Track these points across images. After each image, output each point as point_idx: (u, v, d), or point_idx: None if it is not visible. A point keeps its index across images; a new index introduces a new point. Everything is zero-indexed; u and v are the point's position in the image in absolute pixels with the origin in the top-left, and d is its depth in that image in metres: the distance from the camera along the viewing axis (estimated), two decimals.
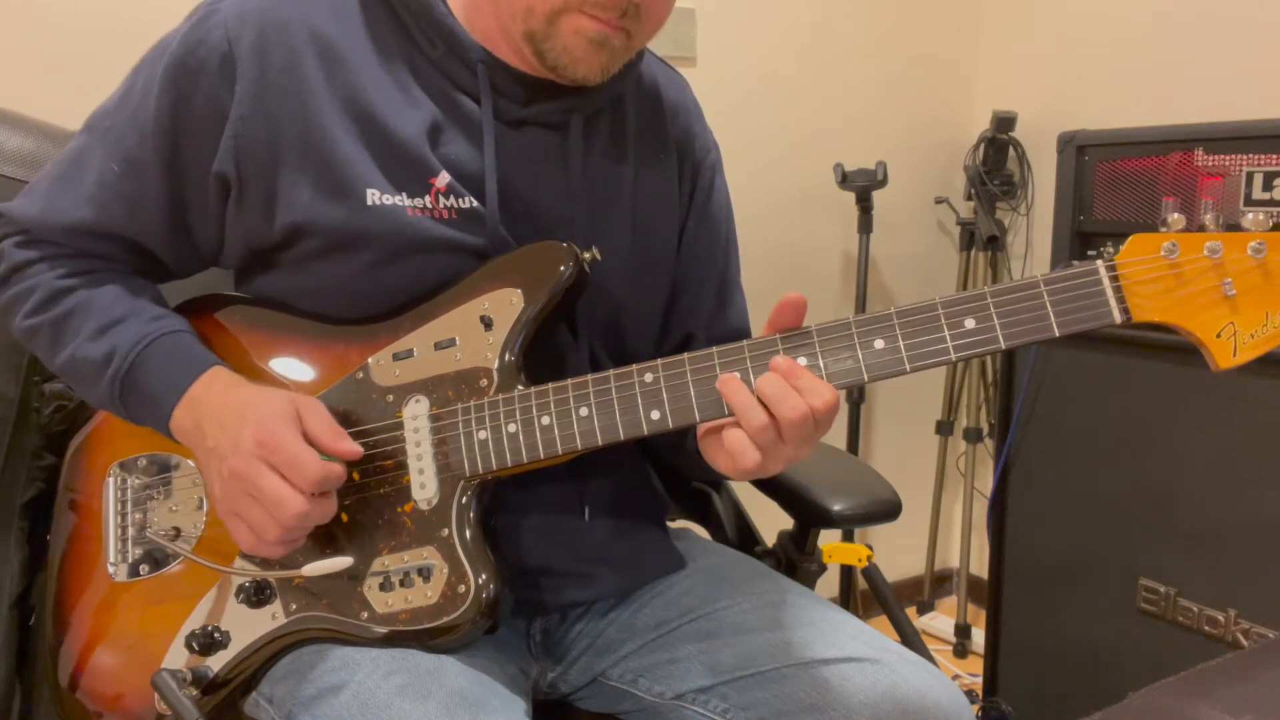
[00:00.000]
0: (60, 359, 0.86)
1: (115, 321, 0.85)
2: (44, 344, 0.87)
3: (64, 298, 0.86)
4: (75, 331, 0.85)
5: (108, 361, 0.83)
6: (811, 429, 0.73)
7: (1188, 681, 0.68)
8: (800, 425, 0.72)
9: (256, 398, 0.79)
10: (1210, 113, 1.68)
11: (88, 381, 0.85)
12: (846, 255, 2.30)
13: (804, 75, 2.18)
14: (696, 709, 0.86)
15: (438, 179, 0.83)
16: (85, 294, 0.86)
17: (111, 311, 0.85)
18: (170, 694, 0.79)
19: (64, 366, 0.86)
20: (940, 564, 2.52)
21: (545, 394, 0.80)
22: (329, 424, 0.79)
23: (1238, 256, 0.70)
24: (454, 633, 0.78)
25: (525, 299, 0.82)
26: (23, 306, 0.87)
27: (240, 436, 0.76)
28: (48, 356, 0.88)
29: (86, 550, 0.91)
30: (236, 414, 0.78)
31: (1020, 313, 0.72)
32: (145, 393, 0.84)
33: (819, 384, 0.73)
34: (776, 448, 0.74)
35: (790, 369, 0.73)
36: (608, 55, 0.82)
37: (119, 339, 0.84)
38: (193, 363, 0.84)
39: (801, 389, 0.73)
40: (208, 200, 0.85)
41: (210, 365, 0.84)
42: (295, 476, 0.75)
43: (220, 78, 0.81)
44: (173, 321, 0.87)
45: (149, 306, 0.88)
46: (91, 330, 0.84)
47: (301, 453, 0.75)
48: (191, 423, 0.82)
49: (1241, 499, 1.43)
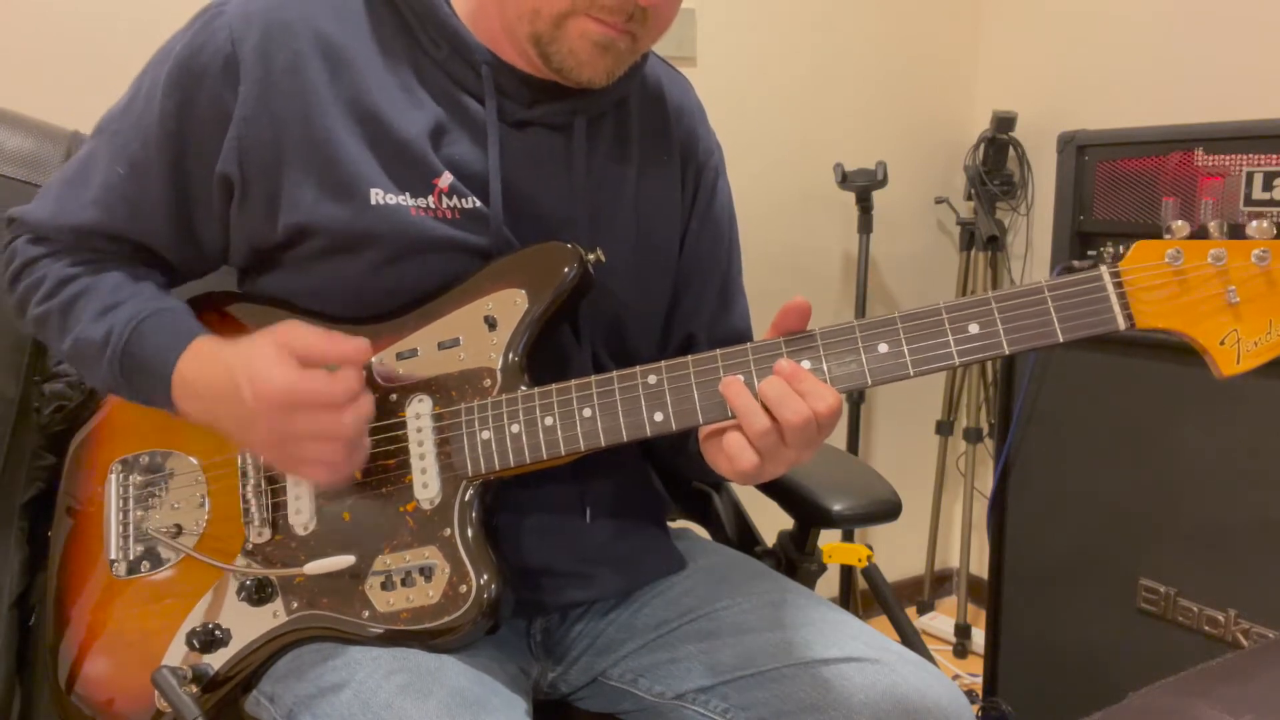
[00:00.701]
0: (67, 343, 0.87)
1: (116, 304, 0.85)
2: (53, 330, 0.88)
3: (71, 284, 0.87)
4: (79, 315, 0.86)
5: (106, 341, 0.84)
6: (814, 432, 0.73)
7: (1188, 681, 0.68)
8: (803, 429, 0.72)
9: (238, 357, 0.78)
10: (1210, 113, 1.68)
11: (93, 363, 0.86)
12: (846, 255, 2.30)
13: (804, 75, 2.18)
14: (697, 709, 0.86)
15: (441, 179, 0.84)
16: (90, 279, 0.87)
17: (115, 294, 0.86)
18: (170, 691, 0.79)
19: (70, 351, 0.87)
20: (940, 564, 2.52)
21: (549, 394, 0.80)
22: (317, 337, 0.77)
23: (1241, 264, 0.70)
24: (455, 633, 0.78)
25: (529, 299, 0.82)
26: (34, 295, 0.88)
27: (244, 399, 0.75)
28: (57, 342, 0.88)
29: (88, 548, 0.91)
30: (227, 379, 0.77)
31: (1024, 318, 0.72)
32: (144, 372, 0.84)
33: (822, 387, 0.73)
34: (778, 451, 0.74)
35: (793, 372, 0.73)
36: (613, 58, 0.82)
37: (116, 318, 0.84)
38: (179, 337, 0.83)
39: (804, 392, 0.73)
40: (212, 201, 0.85)
41: (193, 338, 0.83)
42: (324, 405, 0.75)
43: (224, 79, 0.81)
44: (169, 301, 0.87)
45: (149, 289, 0.88)
46: (94, 312, 0.85)
47: (312, 382, 0.74)
48: (196, 404, 0.82)
49: (1241, 499, 1.43)
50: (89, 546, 0.91)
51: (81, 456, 0.95)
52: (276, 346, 0.76)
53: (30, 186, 1.03)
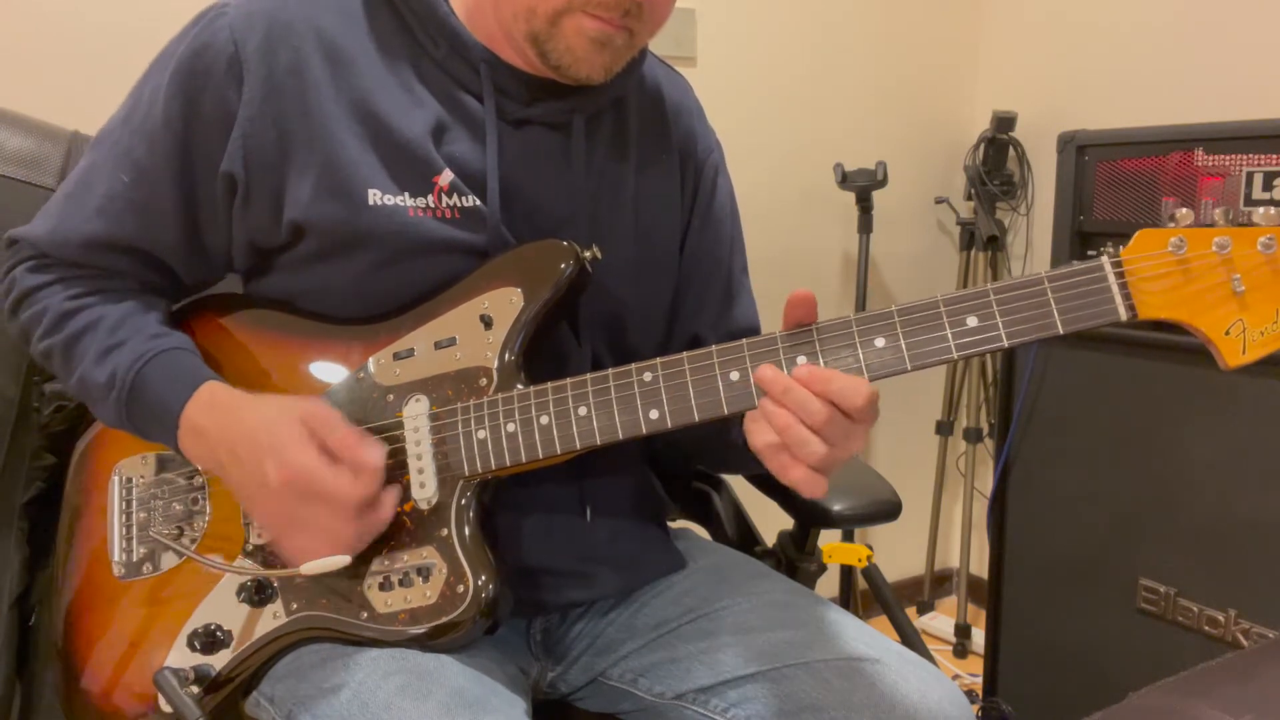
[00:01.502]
0: (73, 382, 0.87)
1: (117, 344, 0.85)
2: (59, 365, 0.88)
3: (71, 319, 0.86)
4: (83, 355, 0.85)
5: (110, 385, 0.83)
6: (847, 426, 0.72)
7: (1188, 681, 0.68)
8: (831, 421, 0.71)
9: (263, 423, 0.78)
10: (1210, 113, 1.68)
11: (99, 404, 0.86)
12: (846, 255, 2.30)
13: (804, 75, 2.18)
14: (696, 709, 0.86)
15: (441, 177, 0.84)
16: (91, 314, 0.86)
17: (115, 334, 0.85)
18: (172, 693, 0.79)
19: (76, 389, 0.87)
20: (940, 564, 2.52)
21: (544, 393, 0.80)
22: (347, 434, 0.78)
23: (1247, 252, 0.68)
24: (453, 633, 0.78)
25: (525, 298, 0.82)
26: (36, 329, 0.87)
27: (266, 474, 0.76)
28: (63, 379, 0.88)
29: (91, 550, 0.91)
30: (249, 444, 0.78)
31: (1024, 310, 0.71)
32: (149, 415, 0.84)
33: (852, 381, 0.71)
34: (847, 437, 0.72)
35: (810, 377, 0.71)
36: (610, 55, 0.82)
37: (119, 360, 0.84)
38: (184, 382, 0.83)
39: (832, 394, 0.70)
40: (216, 202, 0.85)
41: (200, 383, 0.83)
42: (337, 505, 0.76)
43: (228, 79, 0.81)
44: (170, 340, 0.86)
45: (150, 325, 0.87)
46: (96, 354, 0.84)
47: (331, 484, 0.75)
48: (203, 452, 0.82)
49: (1241, 499, 1.43)
50: (93, 549, 0.91)
51: (86, 458, 0.95)
52: (306, 429, 0.77)
53: (30, 186, 1.02)
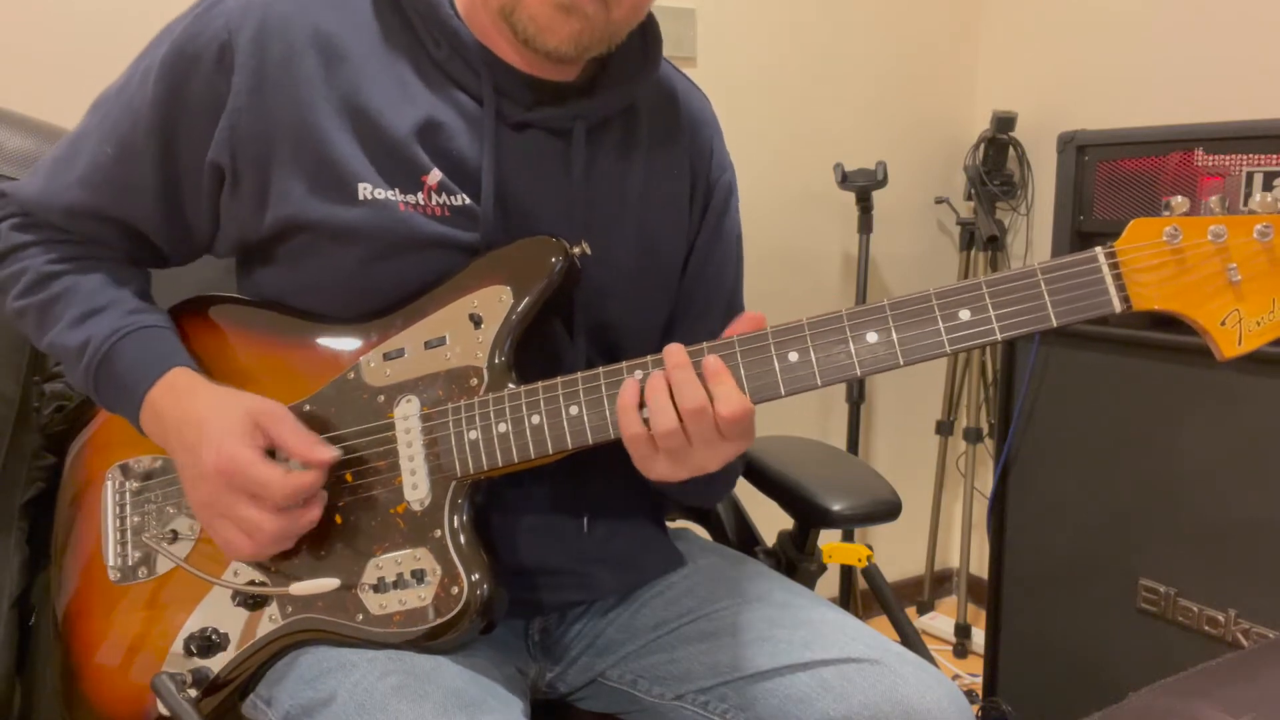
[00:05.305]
0: (44, 342, 0.88)
1: (95, 311, 0.86)
2: (31, 326, 0.89)
3: (51, 282, 0.87)
4: (58, 317, 0.86)
5: (82, 351, 0.84)
6: (712, 430, 0.73)
7: (1188, 681, 0.68)
8: (698, 416, 0.72)
9: (212, 412, 0.80)
10: (1210, 113, 1.68)
11: (68, 367, 0.87)
12: (846, 255, 2.30)
13: (804, 75, 2.18)
14: (696, 709, 0.86)
15: (429, 176, 0.83)
16: (71, 279, 0.87)
17: (93, 300, 0.86)
18: (170, 697, 0.79)
19: (47, 349, 0.89)
20: (940, 564, 2.52)
21: (535, 393, 0.79)
22: (296, 432, 0.79)
23: (1243, 240, 0.67)
24: (449, 633, 0.78)
25: (514, 295, 0.81)
26: (13, 288, 0.88)
27: (201, 459, 0.78)
28: (35, 338, 0.89)
29: (87, 554, 0.91)
30: (195, 429, 0.79)
31: (1017, 302, 0.70)
32: (116, 388, 0.85)
33: (735, 393, 0.72)
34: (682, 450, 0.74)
35: (709, 368, 0.73)
36: (579, 23, 0.80)
37: (95, 329, 0.85)
38: (155, 362, 0.84)
39: (715, 395, 0.72)
40: (201, 188, 0.85)
41: (171, 367, 0.84)
42: (263, 499, 0.76)
43: (218, 67, 0.81)
44: (150, 316, 0.87)
45: (129, 298, 0.88)
46: (72, 318, 0.85)
47: (263, 474, 0.76)
48: (158, 432, 0.83)
49: (1241, 499, 1.43)
50: (88, 552, 0.91)
51: (82, 458, 0.95)
52: (251, 422, 0.78)
53: None
